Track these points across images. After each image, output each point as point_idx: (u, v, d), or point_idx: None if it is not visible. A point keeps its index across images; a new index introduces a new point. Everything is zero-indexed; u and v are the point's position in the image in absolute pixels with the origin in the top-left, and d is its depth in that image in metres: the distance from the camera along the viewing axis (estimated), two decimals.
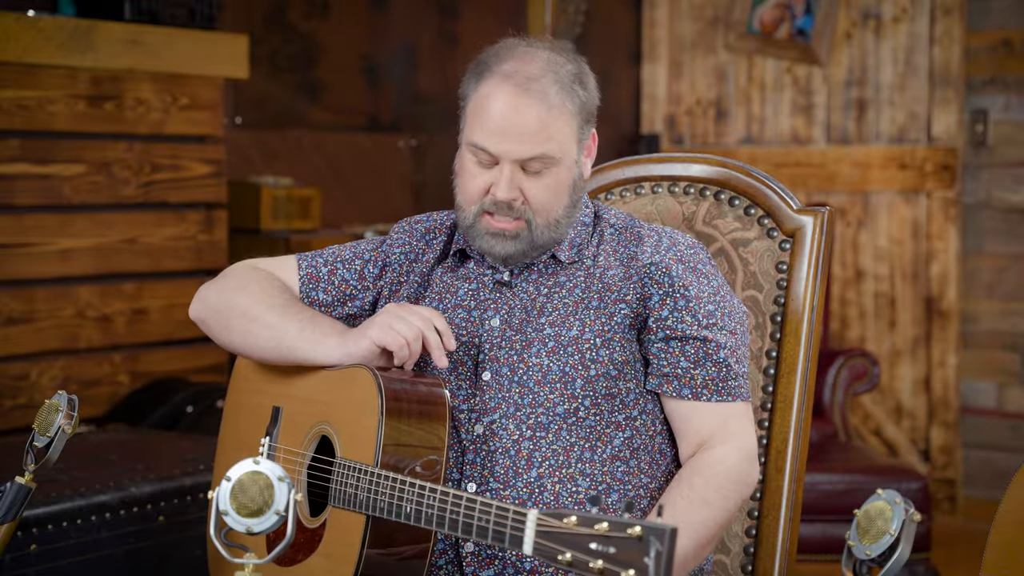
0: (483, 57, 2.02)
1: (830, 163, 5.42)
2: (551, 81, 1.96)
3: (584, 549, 1.47)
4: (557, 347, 1.98)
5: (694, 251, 2.05)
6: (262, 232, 4.15)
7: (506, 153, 1.95)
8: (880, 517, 1.62)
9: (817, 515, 3.91)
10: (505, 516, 1.61)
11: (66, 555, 2.69)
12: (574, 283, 2.03)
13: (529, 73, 1.96)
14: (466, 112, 2.01)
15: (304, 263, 2.15)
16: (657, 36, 5.72)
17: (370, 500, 1.83)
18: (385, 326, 1.94)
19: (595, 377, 1.98)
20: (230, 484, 1.57)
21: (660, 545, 1.41)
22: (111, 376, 3.77)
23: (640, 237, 2.06)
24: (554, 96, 1.95)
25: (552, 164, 1.97)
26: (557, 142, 1.97)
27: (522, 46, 2.00)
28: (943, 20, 5.24)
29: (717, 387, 2.00)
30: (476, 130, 1.97)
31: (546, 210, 1.99)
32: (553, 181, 1.98)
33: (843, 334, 5.39)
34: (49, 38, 3.53)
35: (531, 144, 1.95)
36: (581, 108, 2.00)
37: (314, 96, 4.67)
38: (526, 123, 1.94)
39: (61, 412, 2.04)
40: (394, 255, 2.14)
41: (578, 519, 1.49)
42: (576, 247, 2.06)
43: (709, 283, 2.03)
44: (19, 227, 3.55)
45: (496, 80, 1.97)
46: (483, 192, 1.99)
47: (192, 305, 2.16)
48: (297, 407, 2.04)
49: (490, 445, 1.97)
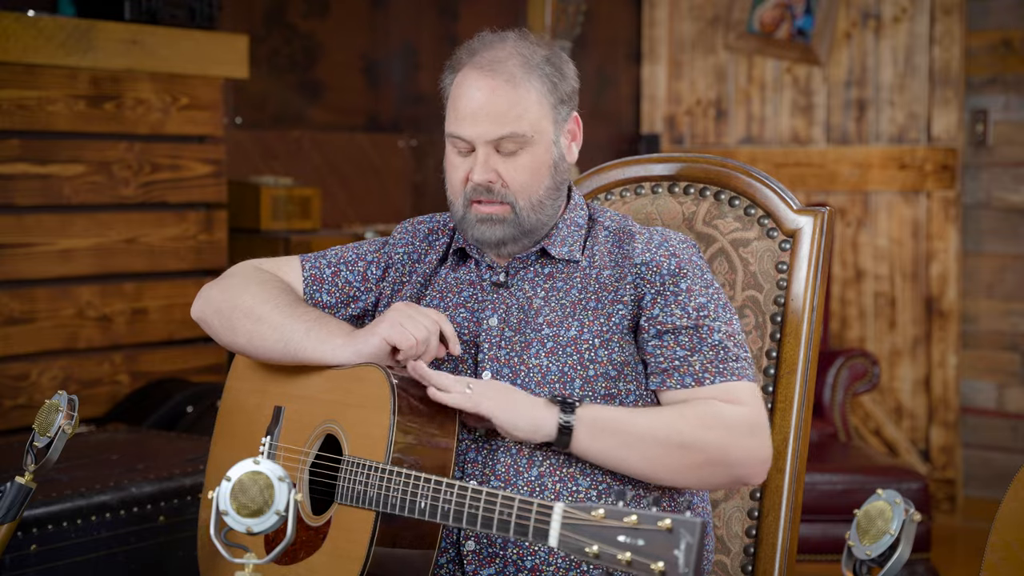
0: (456, 53, 2.06)
1: (830, 163, 5.42)
2: (517, 63, 2.00)
3: (612, 542, 1.47)
4: (556, 347, 1.99)
5: (685, 246, 2.05)
6: (262, 232, 4.15)
7: (478, 136, 1.98)
8: (880, 517, 1.62)
9: (817, 515, 3.91)
10: (529, 509, 1.61)
11: (66, 555, 2.69)
12: (570, 284, 2.03)
13: (494, 57, 2.00)
14: (446, 108, 2.05)
15: (307, 264, 2.16)
16: (657, 36, 5.72)
17: (381, 496, 1.83)
18: (396, 324, 1.95)
19: (594, 377, 1.97)
20: (230, 484, 1.57)
21: (691, 537, 1.41)
22: (111, 376, 3.77)
23: (632, 236, 2.06)
24: (520, 76, 1.99)
25: (526, 144, 1.99)
26: (527, 121, 1.99)
27: (491, 37, 2.05)
28: (943, 20, 5.24)
29: (718, 369, 1.97)
30: (451, 120, 2.02)
31: (526, 190, 2.00)
32: (529, 161, 2.00)
33: (843, 334, 5.39)
34: (49, 38, 3.53)
35: (500, 124, 1.98)
36: (553, 88, 2.02)
37: (314, 96, 4.67)
38: (493, 104, 1.98)
39: (61, 412, 2.04)
40: (397, 255, 2.15)
41: (606, 512, 1.49)
42: (568, 245, 2.06)
43: (702, 277, 2.03)
44: (19, 227, 3.55)
45: (466, 70, 2.02)
46: (465, 180, 2.01)
47: (194, 305, 2.16)
48: (301, 406, 2.04)
49: (492, 444, 1.97)
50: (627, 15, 5.72)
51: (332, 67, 4.69)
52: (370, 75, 4.83)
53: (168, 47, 3.77)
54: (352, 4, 4.74)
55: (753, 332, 2.23)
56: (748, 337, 2.22)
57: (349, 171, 4.75)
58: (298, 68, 4.61)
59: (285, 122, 4.58)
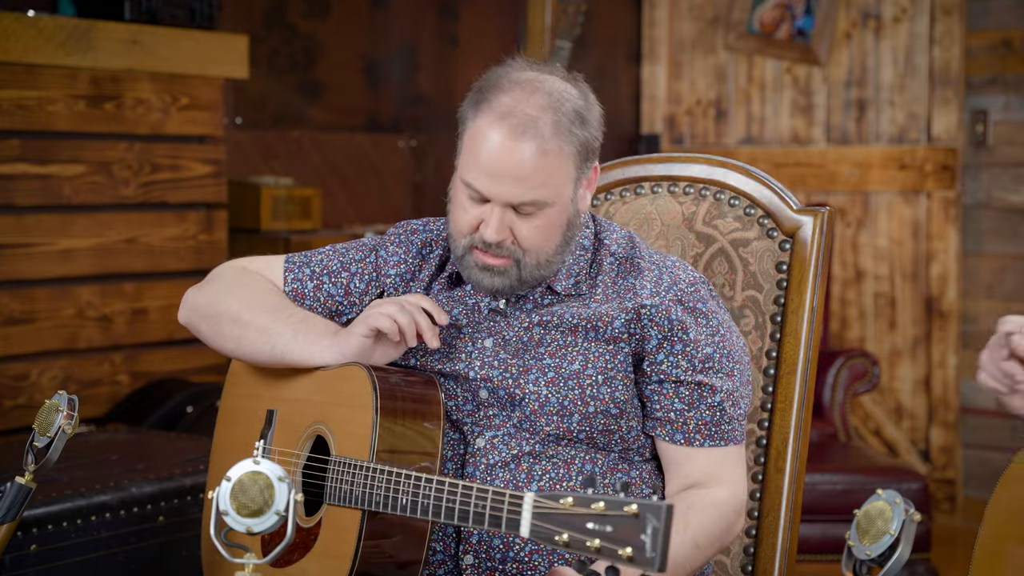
0: (484, 83, 1.93)
1: (830, 163, 5.42)
2: (549, 123, 1.88)
3: (581, 529, 1.48)
4: (557, 379, 1.96)
5: (694, 288, 2.00)
6: (262, 232, 4.15)
7: (497, 196, 1.89)
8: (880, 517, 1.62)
9: (817, 515, 3.91)
10: (501, 500, 1.62)
11: (66, 555, 2.69)
12: (572, 315, 1.98)
13: (526, 114, 1.87)
14: (463, 140, 1.94)
15: (291, 276, 2.12)
16: (657, 36, 5.72)
17: (365, 495, 1.83)
18: (368, 315, 1.94)
19: (593, 414, 1.95)
20: (230, 484, 1.58)
21: (657, 522, 1.42)
22: (111, 376, 3.77)
23: (640, 271, 2.01)
24: (551, 140, 1.88)
25: (545, 207, 1.91)
26: (552, 187, 1.90)
27: (526, 74, 1.92)
28: (943, 20, 5.24)
29: (711, 432, 1.97)
30: (470, 167, 1.91)
31: (536, 250, 1.94)
32: (545, 222, 1.92)
33: (843, 334, 5.39)
34: (49, 38, 3.53)
35: (523, 189, 1.88)
36: (581, 148, 1.92)
37: (314, 96, 4.67)
38: (519, 168, 1.87)
39: (61, 412, 2.04)
40: (389, 277, 2.10)
41: (574, 499, 1.50)
42: (574, 277, 2.01)
43: (708, 323, 1.98)
44: (19, 227, 3.55)
45: (492, 117, 1.88)
46: (473, 228, 1.93)
47: (181, 310, 2.15)
48: (292, 409, 2.04)
49: (490, 458, 1.97)
50: (627, 15, 5.72)
51: (332, 67, 4.69)
52: (370, 75, 4.83)
53: (168, 47, 3.77)
54: (352, 4, 4.74)
55: (753, 332, 2.23)
56: (748, 337, 2.22)
57: (349, 171, 4.75)
58: (298, 68, 4.61)
59: (285, 122, 4.58)
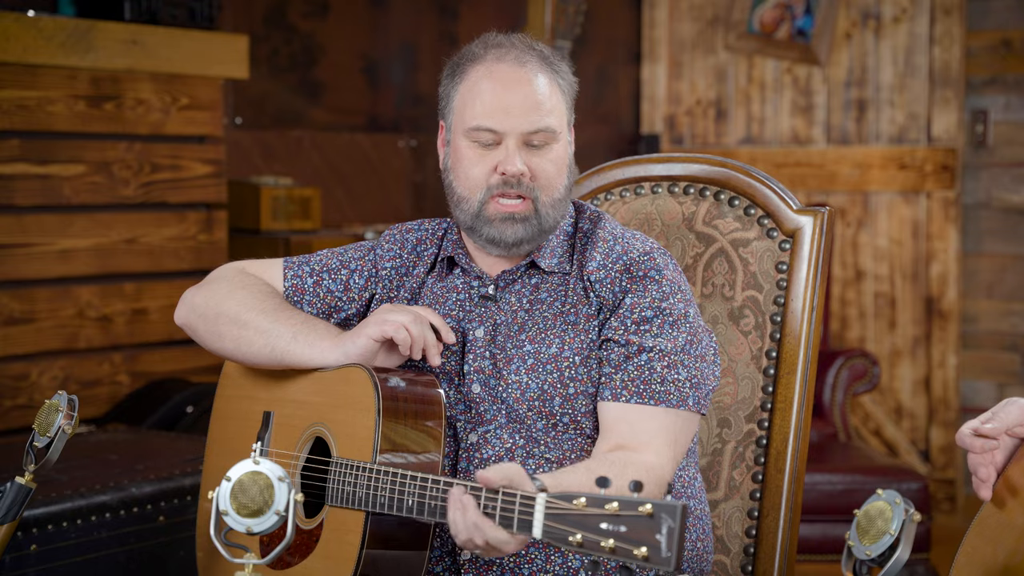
0: (458, 58, 2.04)
1: (830, 163, 5.42)
2: (538, 61, 2.01)
3: (595, 529, 1.47)
4: (536, 364, 1.97)
5: (648, 256, 2.01)
6: (262, 232, 4.15)
7: (512, 128, 1.97)
8: (880, 517, 1.62)
9: (817, 515, 3.91)
10: (512, 500, 1.60)
11: (66, 555, 2.70)
12: (555, 297, 2.01)
13: (518, 55, 2.00)
14: (451, 107, 2.02)
15: (290, 272, 2.13)
16: (657, 36, 5.72)
17: (370, 496, 1.83)
18: (379, 320, 1.95)
19: (574, 395, 1.96)
20: (230, 484, 1.58)
21: (672, 522, 1.41)
22: (111, 376, 3.77)
23: (595, 243, 2.04)
24: (548, 71, 2.01)
25: (553, 139, 1.99)
26: (556, 117, 1.99)
27: (500, 38, 2.04)
28: (943, 20, 5.24)
29: (638, 388, 1.93)
30: (475, 114, 1.98)
31: (551, 186, 1.99)
32: (555, 156, 2.00)
33: (843, 334, 5.39)
34: (49, 38, 3.53)
35: (535, 116, 1.97)
36: (568, 89, 2.03)
37: (314, 96, 4.67)
38: (528, 96, 1.97)
39: (61, 412, 2.04)
40: (385, 270, 2.12)
41: (587, 500, 1.49)
42: (558, 256, 2.04)
43: (658, 288, 1.97)
44: (19, 227, 3.55)
45: (486, 66, 2.00)
46: (490, 172, 1.98)
47: (178, 311, 2.15)
48: (290, 410, 2.04)
49: (483, 453, 1.97)
50: (627, 15, 5.72)
51: (332, 67, 4.69)
52: (370, 75, 4.83)
53: (168, 47, 3.77)
54: (352, 4, 4.74)
55: (753, 332, 2.23)
56: (748, 337, 2.22)
57: (349, 171, 4.75)
58: (298, 68, 4.61)
59: (285, 122, 4.58)
